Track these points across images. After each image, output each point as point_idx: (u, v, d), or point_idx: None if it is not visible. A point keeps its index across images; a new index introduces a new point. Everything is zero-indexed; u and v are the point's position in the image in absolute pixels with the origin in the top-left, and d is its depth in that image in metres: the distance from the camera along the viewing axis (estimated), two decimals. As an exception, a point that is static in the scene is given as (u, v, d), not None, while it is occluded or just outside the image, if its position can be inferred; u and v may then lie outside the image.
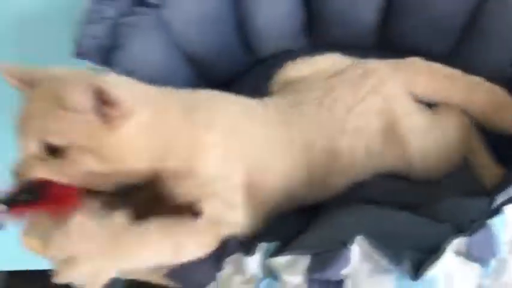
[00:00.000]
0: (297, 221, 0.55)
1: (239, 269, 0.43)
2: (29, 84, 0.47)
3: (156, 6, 0.71)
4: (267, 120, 0.56)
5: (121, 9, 0.68)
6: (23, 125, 0.45)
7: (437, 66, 0.65)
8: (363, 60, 0.65)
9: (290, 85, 0.64)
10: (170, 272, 0.45)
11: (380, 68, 0.63)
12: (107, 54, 0.63)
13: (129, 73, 0.61)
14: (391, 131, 0.59)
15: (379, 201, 0.53)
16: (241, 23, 0.79)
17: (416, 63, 0.65)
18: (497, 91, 0.63)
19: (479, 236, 0.40)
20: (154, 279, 0.47)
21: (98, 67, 0.60)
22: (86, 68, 0.59)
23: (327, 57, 0.67)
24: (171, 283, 0.46)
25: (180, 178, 0.48)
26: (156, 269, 0.45)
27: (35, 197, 0.43)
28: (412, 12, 0.74)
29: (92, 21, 0.64)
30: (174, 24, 0.72)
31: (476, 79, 0.64)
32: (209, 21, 0.75)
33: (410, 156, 0.59)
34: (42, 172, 0.44)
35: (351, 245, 0.40)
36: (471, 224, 0.43)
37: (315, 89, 0.61)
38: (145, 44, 0.68)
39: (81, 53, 0.60)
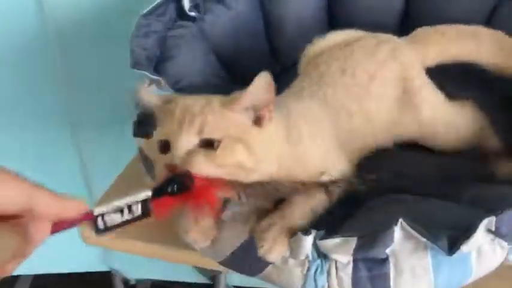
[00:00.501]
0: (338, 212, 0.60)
1: (294, 252, 0.48)
2: (164, 101, 0.54)
3: (196, 19, 0.78)
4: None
5: (167, 23, 0.74)
6: (183, 122, 0.50)
7: (442, 29, 0.71)
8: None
9: (312, 63, 0.69)
10: (227, 259, 0.51)
11: (393, 37, 0.69)
12: (156, 65, 0.69)
13: (177, 81, 0.69)
14: (407, 99, 0.64)
15: (412, 191, 0.58)
16: (270, 32, 0.86)
17: (424, 31, 0.71)
18: (500, 37, 0.69)
19: (507, 215, 0.45)
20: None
21: (151, 76, 0.64)
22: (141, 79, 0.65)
23: (342, 32, 0.72)
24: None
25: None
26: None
27: (179, 190, 0.47)
28: (429, 18, 0.78)
29: (142, 35, 0.70)
30: (213, 35, 0.79)
31: (479, 29, 0.70)
32: (242, 32, 0.81)
33: (421, 125, 0.64)
34: (202, 163, 0.49)
35: (394, 225, 0.45)
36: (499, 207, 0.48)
37: (335, 59, 0.66)
38: (189, 54, 0.74)
39: (136, 64, 0.65)
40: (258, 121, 0.52)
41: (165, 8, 0.74)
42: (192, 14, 0.77)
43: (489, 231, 0.46)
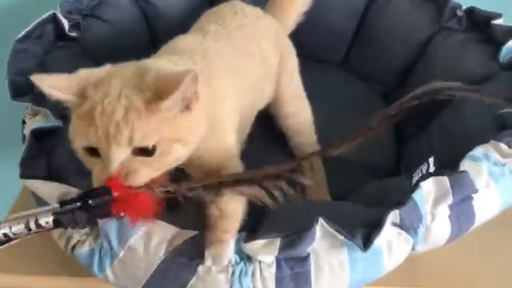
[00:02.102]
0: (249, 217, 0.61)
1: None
2: (77, 94, 0.48)
3: (78, 38, 0.74)
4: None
5: (45, 46, 0.70)
6: (109, 137, 0.46)
7: None
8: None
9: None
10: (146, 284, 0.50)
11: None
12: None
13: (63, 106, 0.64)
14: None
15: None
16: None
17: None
18: None
19: (407, 208, 0.50)
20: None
21: (35, 108, 0.60)
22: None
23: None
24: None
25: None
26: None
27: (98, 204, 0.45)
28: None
29: (19, 62, 0.66)
30: (96, 52, 0.74)
31: None
32: (126, 44, 0.79)
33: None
34: (142, 174, 0.46)
35: (316, 224, 0.47)
36: (399, 202, 0.52)
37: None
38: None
39: (17, 95, 0.61)
40: (186, 107, 0.50)
41: (41, 30, 0.70)
42: (73, 34, 0.73)
43: (395, 224, 0.50)
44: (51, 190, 0.51)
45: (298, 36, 0.85)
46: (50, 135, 0.58)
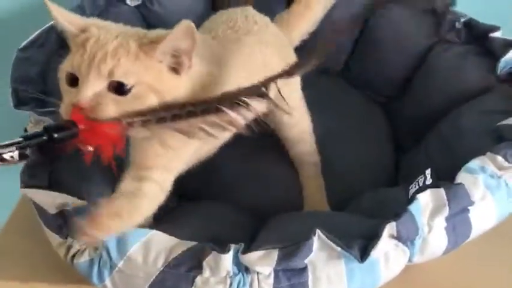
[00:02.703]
0: (247, 228, 0.62)
1: (214, 270, 0.49)
2: (80, 29, 0.50)
3: None
4: None
5: (48, 54, 0.70)
6: (93, 63, 0.47)
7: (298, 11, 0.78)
8: None
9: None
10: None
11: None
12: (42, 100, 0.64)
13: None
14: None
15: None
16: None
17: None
18: None
19: (404, 220, 0.51)
20: None
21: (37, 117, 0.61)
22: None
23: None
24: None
25: None
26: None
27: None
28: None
29: (22, 70, 0.67)
30: None
31: None
32: None
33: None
34: (109, 111, 0.47)
35: (313, 236, 0.48)
36: (396, 214, 0.53)
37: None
38: None
39: (20, 103, 0.62)
40: (176, 68, 0.50)
41: (45, 39, 0.71)
42: None
43: (392, 236, 0.51)
44: (51, 199, 0.52)
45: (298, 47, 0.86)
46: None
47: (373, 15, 0.86)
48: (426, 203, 0.52)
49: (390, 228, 0.50)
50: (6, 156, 0.46)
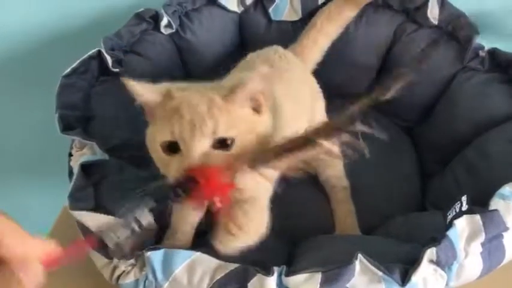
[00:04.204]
0: (281, 252, 0.63)
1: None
2: (163, 96, 0.53)
3: (117, 74, 0.76)
4: None
5: (90, 81, 0.73)
6: (195, 127, 0.49)
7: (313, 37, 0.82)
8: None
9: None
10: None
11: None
12: (85, 125, 0.68)
13: (107, 139, 0.66)
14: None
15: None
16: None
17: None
18: None
19: (443, 245, 0.52)
20: None
21: (83, 141, 0.63)
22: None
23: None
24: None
25: None
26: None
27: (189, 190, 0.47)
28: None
29: (66, 96, 0.69)
30: None
31: None
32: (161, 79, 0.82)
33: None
34: (222, 162, 0.49)
35: (355, 260, 0.49)
36: (433, 239, 0.54)
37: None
38: (113, 109, 0.73)
39: (66, 128, 0.64)
40: (257, 109, 0.53)
41: (86, 66, 0.73)
42: (116, 70, 0.76)
43: (431, 261, 0.52)
44: (98, 221, 0.53)
45: (322, 73, 0.88)
46: (96, 167, 0.61)
47: (397, 42, 0.88)
48: (463, 228, 0.53)
49: (431, 253, 0.51)
50: (144, 222, 0.47)
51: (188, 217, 0.62)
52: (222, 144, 0.50)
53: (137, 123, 0.75)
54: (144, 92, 0.53)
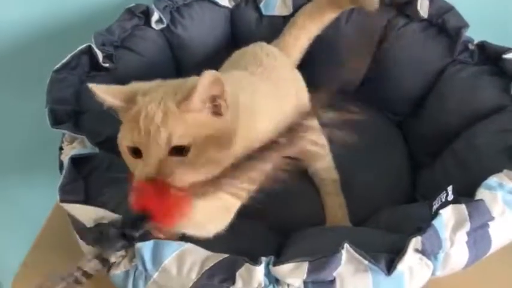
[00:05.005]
0: (271, 243, 0.64)
1: (246, 282, 0.51)
2: (126, 101, 0.54)
3: (110, 69, 0.78)
4: None
5: (80, 76, 0.74)
6: (149, 136, 0.51)
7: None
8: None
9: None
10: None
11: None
12: (76, 119, 0.68)
13: (98, 134, 0.67)
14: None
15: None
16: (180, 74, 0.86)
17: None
18: None
19: (428, 234, 0.52)
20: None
21: (73, 134, 0.64)
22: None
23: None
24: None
25: None
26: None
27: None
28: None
29: (57, 91, 0.69)
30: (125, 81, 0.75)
31: None
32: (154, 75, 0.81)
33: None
34: (178, 173, 0.50)
35: (342, 249, 0.50)
36: (419, 228, 0.55)
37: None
38: None
39: (56, 122, 0.64)
40: (216, 112, 0.54)
41: (77, 61, 0.74)
42: (106, 65, 0.77)
43: (417, 250, 0.53)
44: (89, 214, 0.54)
45: (313, 69, 0.88)
46: (86, 161, 0.62)
47: (387, 36, 0.89)
48: (448, 218, 0.54)
49: (416, 242, 0.52)
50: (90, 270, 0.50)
51: None
52: (178, 151, 0.51)
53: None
54: (107, 97, 0.54)
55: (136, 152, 0.53)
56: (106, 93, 0.54)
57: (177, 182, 0.51)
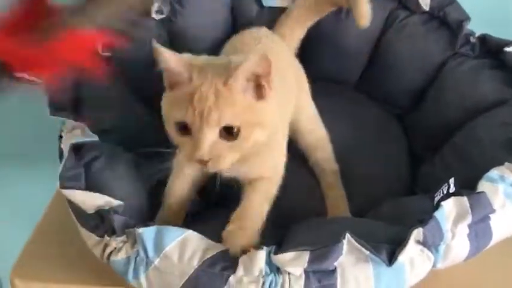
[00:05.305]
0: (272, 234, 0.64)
1: (248, 269, 0.51)
2: (185, 70, 0.55)
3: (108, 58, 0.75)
4: None
5: None
6: (202, 117, 0.52)
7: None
8: None
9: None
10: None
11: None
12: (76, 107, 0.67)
13: (99, 121, 0.67)
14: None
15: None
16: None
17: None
18: None
19: (430, 226, 0.52)
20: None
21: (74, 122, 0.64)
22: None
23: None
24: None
25: None
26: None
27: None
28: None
29: None
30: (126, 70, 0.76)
31: None
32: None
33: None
34: (228, 157, 0.54)
35: (343, 239, 0.50)
36: (421, 221, 0.55)
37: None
38: (103, 91, 0.72)
39: (56, 110, 0.64)
40: (259, 94, 0.55)
41: None
42: (106, 54, 0.75)
43: (418, 242, 0.53)
44: (90, 200, 0.54)
45: (314, 60, 0.88)
46: (87, 149, 0.61)
47: (389, 29, 0.89)
48: (450, 210, 0.54)
49: (417, 233, 0.52)
50: None
51: (179, 196, 0.64)
52: (230, 135, 0.53)
53: (128, 102, 0.75)
54: (171, 60, 0.55)
55: (185, 129, 0.54)
56: (171, 57, 0.55)
57: (225, 165, 0.54)
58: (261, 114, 0.55)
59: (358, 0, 0.78)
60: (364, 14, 0.78)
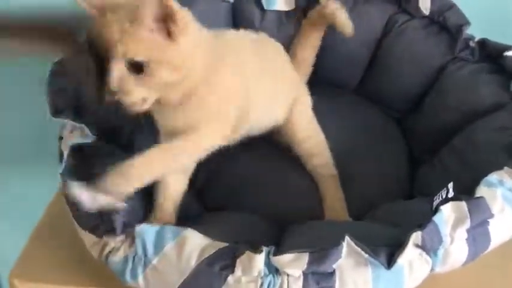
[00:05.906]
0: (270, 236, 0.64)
1: (246, 270, 0.51)
2: (99, 10, 0.56)
3: None
4: None
5: None
6: (110, 49, 0.54)
7: None
8: None
9: None
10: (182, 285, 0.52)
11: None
12: (76, 107, 0.67)
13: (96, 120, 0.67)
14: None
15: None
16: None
17: None
18: None
19: (428, 230, 0.52)
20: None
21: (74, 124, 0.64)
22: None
23: None
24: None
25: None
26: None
27: None
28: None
29: (58, 78, 0.69)
30: None
31: None
32: None
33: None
34: (134, 90, 0.55)
35: (342, 242, 0.50)
36: (419, 224, 0.55)
37: None
38: None
39: (56, 111, 0.64)
40: (170, 35, 0.55)
41: None
42: None
43: (417, 245, 0.53)
44: (91, 200, 0.54)
45: (316, 63, 0.88)
46: (87, 150, 0.62)
47: (389, 33, 0.89)
48: (449, 214, 0.54)
49: (416, 237, 0.52)
50: None
51: (170, 195, 0.64)
52: (136, 70, 0.54)
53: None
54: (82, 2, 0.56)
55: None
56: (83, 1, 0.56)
57: (132, 99, 0.55)
58: (171, 54, 0.55)
59: (334, 14, 0.81)
60: (344, 23, 0.81)
